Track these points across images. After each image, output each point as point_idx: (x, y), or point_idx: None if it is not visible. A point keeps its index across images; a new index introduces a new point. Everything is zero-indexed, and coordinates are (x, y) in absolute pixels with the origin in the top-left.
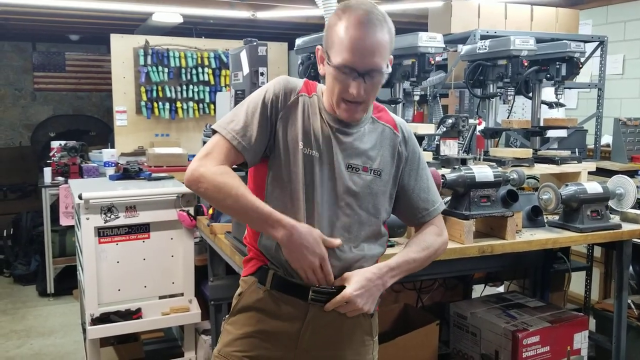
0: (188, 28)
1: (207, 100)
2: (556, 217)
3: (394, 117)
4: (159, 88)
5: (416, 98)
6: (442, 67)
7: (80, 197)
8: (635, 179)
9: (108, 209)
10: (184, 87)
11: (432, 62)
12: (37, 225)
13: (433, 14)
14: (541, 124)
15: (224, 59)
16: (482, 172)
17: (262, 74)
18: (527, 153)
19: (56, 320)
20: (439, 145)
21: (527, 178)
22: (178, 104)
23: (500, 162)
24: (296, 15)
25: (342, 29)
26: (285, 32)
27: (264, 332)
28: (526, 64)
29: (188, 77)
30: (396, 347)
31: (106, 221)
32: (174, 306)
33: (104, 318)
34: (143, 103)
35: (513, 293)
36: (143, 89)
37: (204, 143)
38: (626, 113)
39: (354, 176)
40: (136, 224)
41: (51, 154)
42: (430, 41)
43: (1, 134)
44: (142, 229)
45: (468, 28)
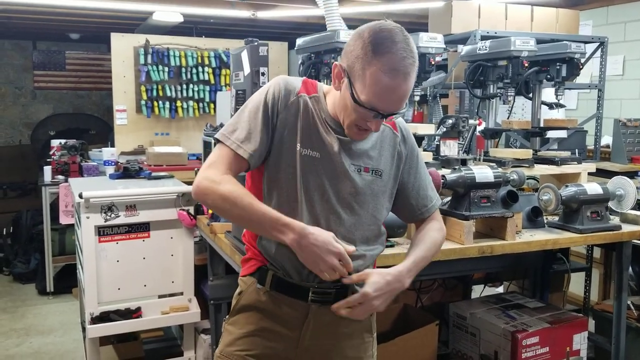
0: (188, 27)
1: (207, 99)
2: (556, 218)
3: (393, 117)
4: (159, 87)
5: (416, 98)
6: (443, 68)
7: (80, 196)
8: (635, 180)
9: (108, 208)
10: (184, 86)
11: (433, 63)
12: (37, 223)
13: (433, 15)
14: (541, 125)
15: (224, 59)
16: (482, 173)
17: (263, 74)
18: (527, 154)
19: (56, 318)
20: (439, 145)
21: (527, 179)
22: (178, 103)
23: (500, 163)
24: (296, 15)
25: (375, 71)
26: (285, 32)
27: (266, 330)
28: (526, 65)
29: (188, 77)
30: (396, 347)
31: (106, 220)
32: (174, 305)
33: (104, 317)
34: (143, 102)
35: (512, 293)
36: (143, 88)
37: (204, 142)
38: (626, 114)
39: (355, 176)
40: (136, 223)
41: (51, 153)
42: (430, 41)
43: (1, 133)
44: (142, 228)
45: (468, 28)
